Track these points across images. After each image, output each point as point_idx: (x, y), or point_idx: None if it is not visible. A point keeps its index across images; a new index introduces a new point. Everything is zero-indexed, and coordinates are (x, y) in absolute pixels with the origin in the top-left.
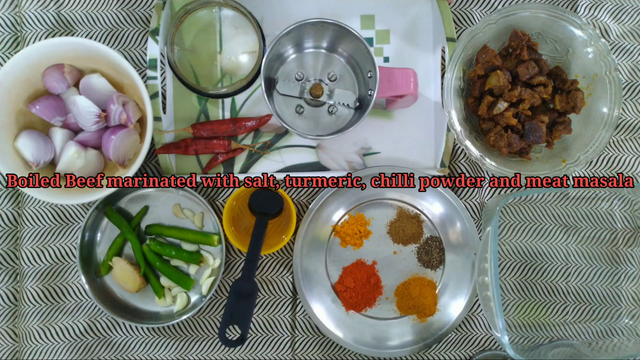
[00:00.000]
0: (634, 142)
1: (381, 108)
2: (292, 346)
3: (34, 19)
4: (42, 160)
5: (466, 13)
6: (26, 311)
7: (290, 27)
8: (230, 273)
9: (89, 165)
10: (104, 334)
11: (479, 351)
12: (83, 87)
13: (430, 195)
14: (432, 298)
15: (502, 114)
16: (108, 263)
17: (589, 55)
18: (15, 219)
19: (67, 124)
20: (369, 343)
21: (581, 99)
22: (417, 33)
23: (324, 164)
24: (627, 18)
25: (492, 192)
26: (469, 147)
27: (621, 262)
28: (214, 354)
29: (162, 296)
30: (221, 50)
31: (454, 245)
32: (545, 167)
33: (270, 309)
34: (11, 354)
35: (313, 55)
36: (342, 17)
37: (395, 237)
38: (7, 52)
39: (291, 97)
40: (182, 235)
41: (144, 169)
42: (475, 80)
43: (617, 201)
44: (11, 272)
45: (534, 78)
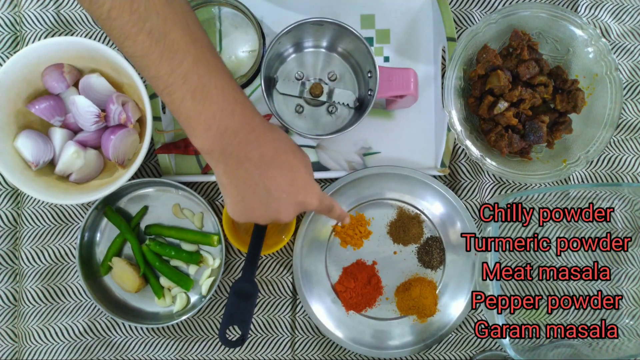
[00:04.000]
0: (634, 142)
1: (381, 108)
2: (292, 346)
3: (34, 18)
4: (42, 160)
5: (466, 13)
6: (26, 311)
7: (290, 26)
8: (230, 273)
9: (89, 165)
10: (104, 334)
11: (479, 351)
12: (82, 87)
13: (430, 195)
14: (432, 298)
15: (502, 113)
16: (107, 263)
17: (589, 55)
18: (14, 219)
19: (67, 124)
20: (369, 343)
21: (582, 99)
22: (417, 33)
23: (324, 164)
24: (628, 18)
25: (492, 192)
26: (469, 147)
27: (621, 262)
28: (214, 354)
29: (161, 296)
30: (221, 50)
31: (455, 246)
32: (546, 167)
33: (270, 309)
34: (11, 354)
35: (313, 54)
36: (342, 16)
37: (396, 237)
38: (6, 52)
39: (291, 96)
40: (182, 236)
41: (143, 169)
42: (476, 80)
43: (617, 201)
44: (11, 272)
45: (534, 78)
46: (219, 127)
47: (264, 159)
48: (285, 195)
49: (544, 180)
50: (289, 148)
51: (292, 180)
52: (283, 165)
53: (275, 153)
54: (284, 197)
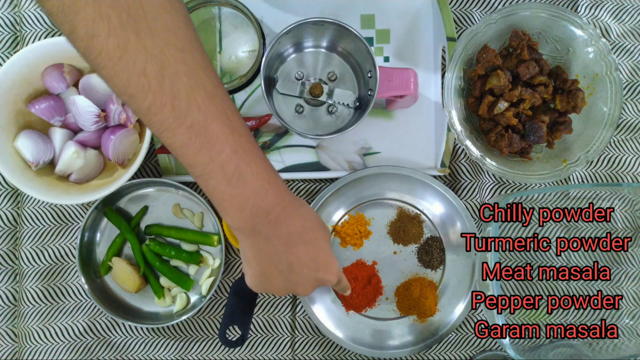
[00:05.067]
0: (634, 142)
1: (381, 108)
2: (292, 346)
3: (34, 18)
4: (42, 160)
5: (466, 13)
6: (26, 311)
7: (290, 26)
8: (230, 273)
9: (89, 165)
10: (104, 335)
11: (479, 351)
12: (82, 87)
13: (430, 195)
14: (432, 298)
15: (502, 113)
16: (107, 263)
17: (589, 55)
18: (14, 219)
19: (67, 124)
20: (369, 343)
21: (582, 99)
22: (417, 33)
23: (323, 164)
24: (628, 17)
25: (492, 192)
26: (469, 147)
27: (621, 262)
28: (214, 354)
29: (161, 296)
30: (221, 50)
31: (455, 246)
32: (546, 167)
33: (270, 310)
34: (11, 354)
35: (313, 54)
36: (342, 16)
37: (396, 237)
38: (6, 52)
39: (291, 96)
40: (182, 236)
41: (143, 169)
42: (476, 80)
43: (617, 201)
44: (11, 272)
45: (534, 78)
46: (252, 208)
47: (291, 236)
48: (306, 271)
49: (544, 180)
50: (315, 225)
51: (315, 257)
52: (308, 243)
53: (303, 230)
54: (304, 272)
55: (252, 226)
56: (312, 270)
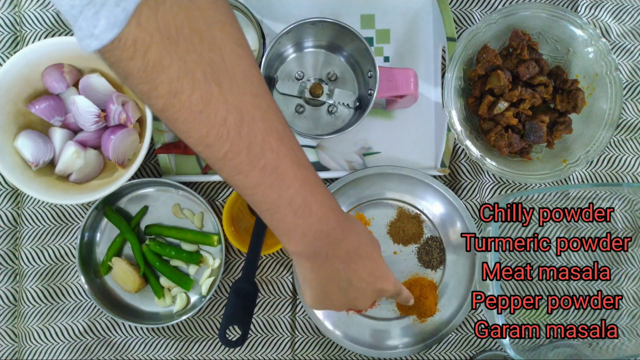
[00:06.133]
0: (634, 142)
1: (381, 108)
2: (292, 346)
3: (34, 18)
4: (42, 160)
5: (466, 13)
6: (26, 311)
7: (290, 26)
8: (230, 273)
9: (89, 165)
10: (104, 334)
11: (479, 351)
12: (82, 87)
13: (430, 195)
14: (432, 298)
15: (502, 113)
16: (107, 263)
17: (589, 55)
18: (14, 219)
19: (67, 124)
20: (369, 343)
21: (582, 99)
22: (417, 33)
23: (324, 164)
24: (628, 17)
25: (492, 192)
26: (469, 147)
27: (621, 262)
28: (214, 354)
29: (161, 296)
30: None
31: (455, 245)
32: (546, 167)
33: (270, 309)
34: (11, 354)
35: (313, 54)
36: (342, 16)
37: (396, 237)
38: (6, 52)
39: (291, 96)
40: (182, 236)
41: (143, 169)
42: (476, 80)
43: (617, 201)
44: (11, 272)
45: (534, 78)
46: (314, 233)
47: (349, 254)
48: (365, 285)
49: (544, 180)
50: (368, 240)
51: (372, 270)
52: (364, 258)
53: (359, 246)
54: (363, 286)
55: (313, 249)
56: (370, 284)
